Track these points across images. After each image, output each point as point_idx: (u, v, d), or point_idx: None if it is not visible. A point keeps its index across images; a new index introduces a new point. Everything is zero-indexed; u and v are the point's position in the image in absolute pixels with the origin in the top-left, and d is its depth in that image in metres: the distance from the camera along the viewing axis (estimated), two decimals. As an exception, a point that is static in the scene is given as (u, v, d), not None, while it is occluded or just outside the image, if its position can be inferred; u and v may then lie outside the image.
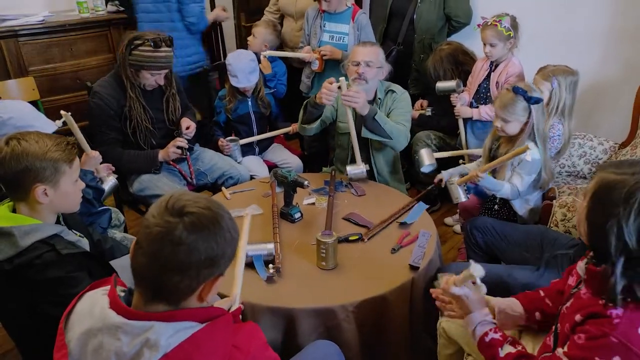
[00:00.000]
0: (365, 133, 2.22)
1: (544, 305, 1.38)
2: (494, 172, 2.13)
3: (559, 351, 1.09)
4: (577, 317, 1.07)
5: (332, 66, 2.88)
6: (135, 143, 2.34)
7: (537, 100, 1.93)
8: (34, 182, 1.30)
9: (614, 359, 0.98)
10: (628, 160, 1.07)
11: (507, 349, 1.20)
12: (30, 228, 1.29)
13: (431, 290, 1.47)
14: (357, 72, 2.22)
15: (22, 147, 1.29)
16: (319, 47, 2.87)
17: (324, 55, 2.83)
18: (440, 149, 2.87)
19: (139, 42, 2.16)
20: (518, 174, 2.03)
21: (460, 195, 2.10)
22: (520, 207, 2.14)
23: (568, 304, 1.17)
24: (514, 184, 2.03)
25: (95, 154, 1.97)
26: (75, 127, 1.94)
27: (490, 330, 1.24)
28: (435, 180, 2.20)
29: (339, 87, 2.09)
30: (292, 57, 3.02)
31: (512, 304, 1.41)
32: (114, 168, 2.14)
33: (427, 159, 2.40)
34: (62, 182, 1.34)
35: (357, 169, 2.22)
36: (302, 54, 2.89)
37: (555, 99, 2.23)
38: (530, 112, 1.95)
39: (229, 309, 1.19)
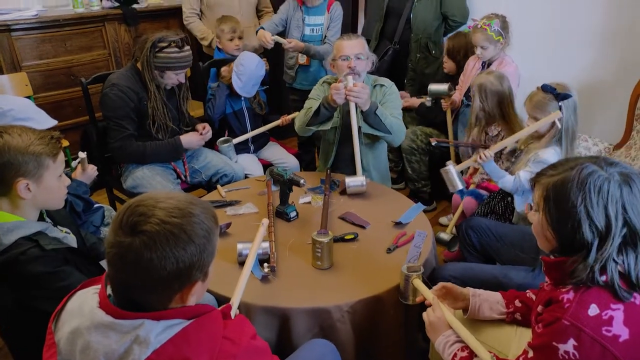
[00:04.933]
0: (366, 128, 2.19)
1: (525, 297, 1.41)
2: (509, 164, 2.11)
3: (526, 345, 1.12)
4: (539, 308, 1.12)
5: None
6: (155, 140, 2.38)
7: (565, 96, 1.91)
8: (16, 176, 1.27)
9: (569, 342, 1.00)
10: (556, 162, 1.15)
11: None
12: (13, 225, 1.27)
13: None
14: (349, 67, 2.18)
15: (4, 140, 1.26)
16: (303, 40, 2.95)
17: (290, 48, 2.89)
18: (427, 145, 2.93)
19: (164, 44, 2.19)
20: (529, 169, 1.99)
21: (457, 183, 2.02)
22: (520, 205, 2.13)
23: (537, 298, 1.22)
24: (518, 178, 2.00)
25: (93, 168, 1.97)
26: (85, 165, 1.93)
27: (459, 350, 1.26)
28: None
29: (345, 85, 2.06)
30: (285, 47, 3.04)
31: (492, 296, 1.44)
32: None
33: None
34: (46, 177, 1.32)
35: (357, 180, 2.13)
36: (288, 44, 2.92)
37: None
38: (560, 110, 1.91)
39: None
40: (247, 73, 2.58)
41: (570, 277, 1.05)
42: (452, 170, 2.04)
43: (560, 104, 1.91)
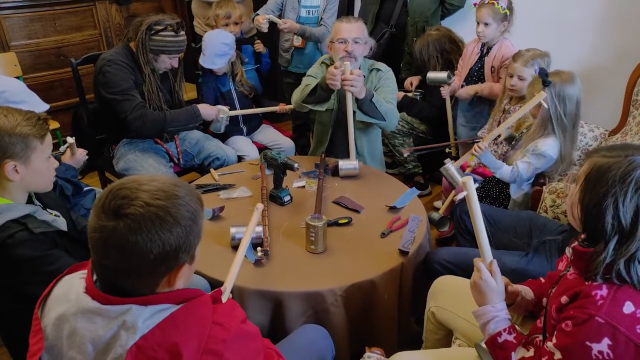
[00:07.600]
0: (360, 116, 2.18)
1: (538, 290, 1.38)
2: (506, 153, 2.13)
3: (549, 345, 1.05)
4: (563, 299, 1.07)
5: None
6: None
7: (546, 83, 1.89)
8: (4, 157, 1.25)
9: (604, 341, 0.96)
10: (617, 144, 1.08)
11: (521, 352, 1.13)
12: (0, 208, 1.25)
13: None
14: (345, 50, 2.17)
15: None
16: (298, 22, 2.89)
17: (285, 29, 2.83)
18: (405, 135, 2.95)
19: (160, 27, 2.15)
20: (527, 160, 2.00)
21: (459, 179, 2.02)
22: (515, 192, 2.14)
23: (557, 286, 1.17)
24: (516, 168, 2.01)
25: (83, 152, 1.94)
26: (74, 149, 1.91)
27: (504, 330, 1.15)
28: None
29: (343, 71, 2.03)
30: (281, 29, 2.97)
31: (526, 289, 1.37)
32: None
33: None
34: (34, 159, 1.30)
35: (350, 164, 2.14)
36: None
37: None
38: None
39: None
40: (209, 43, 2.53)
41: (592, 270, 1.01)
42: (451, 167, 2.03)
43: (544, 91, 1.90)
